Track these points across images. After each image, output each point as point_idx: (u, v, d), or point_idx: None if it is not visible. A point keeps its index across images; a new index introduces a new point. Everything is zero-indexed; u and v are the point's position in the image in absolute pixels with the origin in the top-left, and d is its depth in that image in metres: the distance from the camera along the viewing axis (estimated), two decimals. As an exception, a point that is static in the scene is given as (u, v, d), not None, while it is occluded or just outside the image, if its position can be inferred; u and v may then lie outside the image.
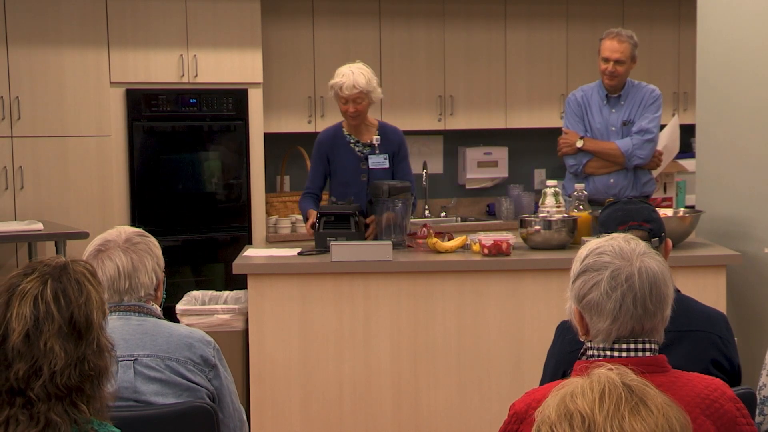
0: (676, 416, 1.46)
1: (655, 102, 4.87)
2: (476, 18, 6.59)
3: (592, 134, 4.91)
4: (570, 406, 1.47)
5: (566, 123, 5.00)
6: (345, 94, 4.48)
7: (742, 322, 4.26)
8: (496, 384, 4.14)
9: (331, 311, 4.11)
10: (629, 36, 4.82)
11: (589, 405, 1.46)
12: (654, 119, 4.84)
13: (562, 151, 4.95)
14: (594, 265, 2.02)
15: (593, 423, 1.44)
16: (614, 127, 4.88)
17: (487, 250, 4.17)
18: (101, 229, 5.70)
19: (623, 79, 4.87)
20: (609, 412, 1.45)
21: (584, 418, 1.45)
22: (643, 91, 4.90)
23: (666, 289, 2.03)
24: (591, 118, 4.92)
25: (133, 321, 2.58)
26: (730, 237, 4.44)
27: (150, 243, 2.65)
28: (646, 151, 4.82)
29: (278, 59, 6.24)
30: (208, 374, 2.58)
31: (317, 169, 4.70)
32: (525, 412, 2.00)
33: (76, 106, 5.67)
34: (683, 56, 6.86)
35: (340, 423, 4.13)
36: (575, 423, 1.45)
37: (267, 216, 6.13)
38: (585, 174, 4.90)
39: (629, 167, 4.85)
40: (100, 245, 2.62)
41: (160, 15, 5.79)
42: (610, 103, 4.90)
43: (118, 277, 2.59)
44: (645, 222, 2.74)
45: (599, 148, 4.87)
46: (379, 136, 4.63)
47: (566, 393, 1.50)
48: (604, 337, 2.01)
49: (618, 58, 4.78)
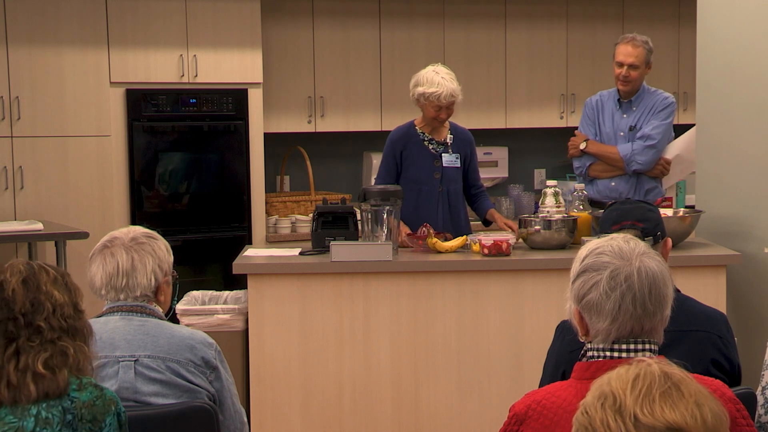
0: (710, 406, 1.44)
1: (665, 109, 4.88)
2: (476, 18, 6.59)
3: (601, 138, 4.94)
4: (605, 388, 1.48)
5: (580, 126, 5.07)
6: (443, 103, 4.55)
7: (742, 322, 4.26)
8: (495, 384, 4.14)
9: (331, 311, 4.11)
10: (644, 41, 4.83)
11: (621, 386, 1.47)
12: (659, 126, 4.84)
13: (570, 152, 5.02)
14: (593, 266, 2.02)
15: (624, 404, 1.44)
16: (623, 132, 4.91)
17: (487, 250, 4.17)
18: (101, 229, 5.75)
19: (637, 84, 4.88)
20: (640, 394, 1.45)
21: (615, 398, 1.46)
22: (656, 97, 4.91)
23: (665, 289, 2.03)
24: (602, 122, 4.95)
25: (135, 321, 2.58)
26: (730, 237, 4.44)
27: (155, 245, 2.66)
28: (647, 157, 4.82)
29: (278, 59, 6.24)
30: (209, 376, 2.58)
31: (389, 167, 4.69)
32: (525, 413, 2.00)
33: (76, 106, 5.67)
34: (683, 56, 6.86)
35: (340, 423, 4.13)
36: (607, 403, 1.46)
37: (267, 216, 6.14)
38: (589, 177, 4.95)
39: (629, 172, 4.85)
40: (106, 241, 2.66)
41: (160, 15, 5.79)
42: (622, 108, 4.93)
43: (116, 274, 2.60)
44: (638, 221, 2.74)
45: (600, 152, 4.90)
46: (452, 135, 4.70)
47: (605, 377, 1.51)
48: (603, 337, 2.01)
49: (632, 62, 4.79)
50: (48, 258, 5.51)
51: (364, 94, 6.43)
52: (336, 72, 6.36)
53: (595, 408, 1.47)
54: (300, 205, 6.20)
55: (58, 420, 2.05)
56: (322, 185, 6.56)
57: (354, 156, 6.70)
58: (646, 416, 1.42)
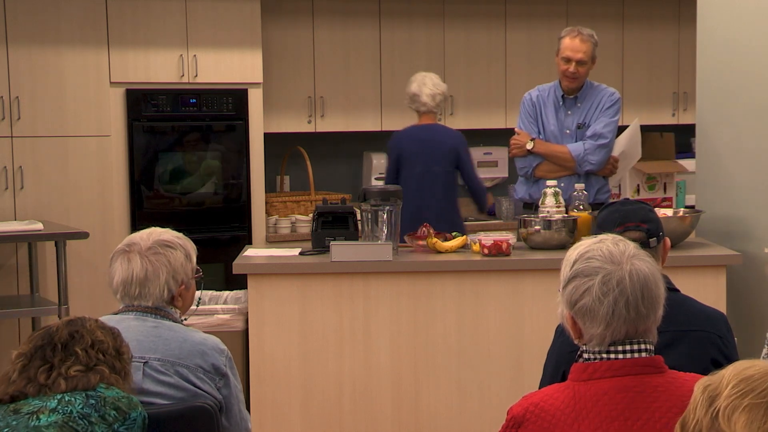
0: None
1: (612, 105, 4.68)
2: (476, 18, 6.59)
3: (545, 137, 4.73)
4: (725, 372, 1.44)
5: (519, 123, 4.83)
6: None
7: (742, 322, 4.26)
8: (495, 384, 4.14)
9: (331, 311, 4.10)
10: (590, 35, 4.64)
11: (731, 378, 1.43)
12: (610, 123, 4.65)
13: (512, 152, 4.79)
14: (584, 271, 2.02)
15: (718, 397, 1.41)
16: (569, 130, 4.71)
17: (487, 250, 4.17)
18: (101, 229, 5.77)
19: (583, 80, 4.69)
20: (735, 395, 1.39)
21: (717, 387, 1.43)
22: (602, 93, 4.72)
23: (657, 290, 2.03)
24: (545, 119, 4.74)
25: (149, 323, 2.58)
26: (730, 237, 4.44)
27: (172, 256, 2.63)
28: (599, 156, 4.64)
29: (278, 59, 6.24)
30: (218, 383, 2.58)
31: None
32: (522, 416, 2.00)
33: (76, 106, 5.67)
34: (683, 56, 6.86)
35: (340, 423, 4.13)
36: (711, 387, 1.44)
37: (267, 216, 6.14)
38: (535, 177, 4.73)
39: (580, 173, 4.67)
40: (126, 245, 2.66)
41: (160, 15, 5.79)
42: (565, 105, 4.73)
43: (129, 282, 2.60)
44: (642, 222, 2.73)
45: (550, 152, 4.69)
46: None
47: (746, 362, 1.46)
48: (598, 341, 2.01)
49: (580, 58, 4.60)
50: (48, 258, 5.51)
51: (364, 94, 6.43)
52: (336, 72, 6.36)
53: (704, 385, 1.43)
54: (300, 205, 6.20)
55: (81, 401, 2.09)
56: (322, 185, 6.56)
57: (354, 156, 6.70)
58: (723, 419, 1.38)
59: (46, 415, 2.06)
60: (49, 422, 2.05)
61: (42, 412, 2.07)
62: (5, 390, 2.14)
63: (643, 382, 1.97)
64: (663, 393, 1.96)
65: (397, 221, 4.29)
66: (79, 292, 5.55)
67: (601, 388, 1.97)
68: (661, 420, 1.93)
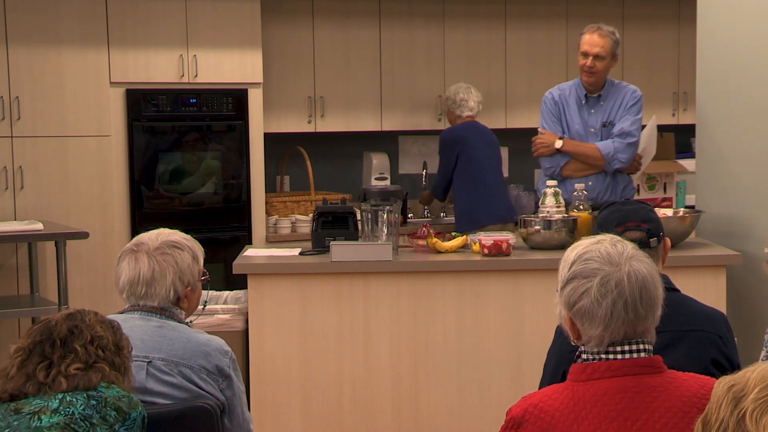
0: None
1: (636, 103, 4.69)
2: (476, 18, 6.59)
3: (570, 135, 4.72)
4: (749, 373, 1.44)
5: (542, 123, 4.81)
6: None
7: (742, 322, 4.26)
8: (495, 384, 4.14)
9: (331, 311, 4.11)
10: (611, 32, 4.64)
11: (758, 380, 1.43)
12: (636, 121, 4.67)
13: (539, 151, 4.76)
14: (582, 272, 2.02)
15: (744, 398, 1.41)
16: (593, 129, 4.71)
17: (487, 250, 4.17)
18: (101, 229, 5.76)
19: (602, 77, 4.68)
20: (764, 398, 1.39)
21: (744, 388, 1.43)
22: (624, 91, 4.73)
23: (655, 291, 2.03)
24: (569, 118, 4.73)
25: (153, 322, 2.59)
26: (730, 237, 4.44)
27: (179, 257, 2.64)
28: (628, 154, 4.65)
29: (278, 59, 6.24)
30: (221, 384, 2.58)
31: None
32: (522, 417, 2.00)
33: (76, 106, 5.67)
34: (683, 56, 6.86)
35: (340, 423, 4.13)
36: (736, 387, 1.43)
37: (267, 216, 6.13)
38: (562, 177, 4.71)
39: (609, 171, 4.68)
40: (134, 244, 2.67)
41: (160, 15, 5.78)
42: (589, 104, 4.73)
43: (136, 282, 2.61)
44: (643, 222, 2.73)
45: (579, 150, 4.68)
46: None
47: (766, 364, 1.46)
48: (597, 342, 2.01)
49: (597, 52, 4.60)
50: (48, 258, 5.51)
51: (364, 94, 6.42)
52: (336, 72, 6.36)
53: (728, 385, 1.43)
54: (300, 205, 6.20)
55: (83, 402, 2.09)
56: (322, 185, 6.55)
57: (354, 156, 6.70)
58: (751, 422, 1.37)
59: (47, 416, 2.07)
60: (51, 423, 2.06)
61: (44, 413, 2.07)
62: (4, 387, 2.14)
63: (642, 382, 1.97)
64: (662, 393, 1.96)
65: (397, 221, 4.30)
66: (79, 292, 5.55)
67: (600, 389, 1.97)
68: (660, 420, 1.93)
